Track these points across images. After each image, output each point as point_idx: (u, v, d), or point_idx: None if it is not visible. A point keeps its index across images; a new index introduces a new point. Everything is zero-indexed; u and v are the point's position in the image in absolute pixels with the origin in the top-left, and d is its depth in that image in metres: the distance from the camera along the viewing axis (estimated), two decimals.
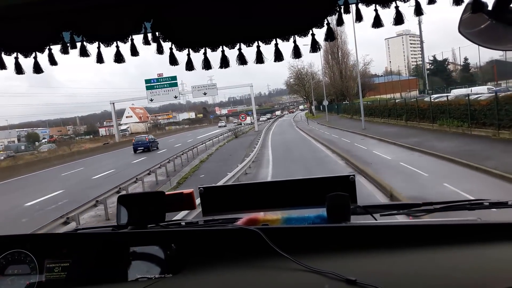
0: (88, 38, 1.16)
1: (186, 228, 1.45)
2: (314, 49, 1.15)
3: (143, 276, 1.15)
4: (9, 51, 1.20)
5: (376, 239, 1.14)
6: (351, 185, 1.34)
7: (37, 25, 1.15)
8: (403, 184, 9.81)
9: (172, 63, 1.19)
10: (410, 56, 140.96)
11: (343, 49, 64.61)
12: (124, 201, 1.37)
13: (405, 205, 1.50)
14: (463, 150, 13.34)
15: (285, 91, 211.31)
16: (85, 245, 1.26)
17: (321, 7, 1.06)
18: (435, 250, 1.05)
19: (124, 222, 1.34)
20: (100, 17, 1.14)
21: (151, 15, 1.11)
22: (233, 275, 1.08)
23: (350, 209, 1.29)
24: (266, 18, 1.10)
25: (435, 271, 0.97)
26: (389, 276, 0.98)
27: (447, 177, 10.03)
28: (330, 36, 1.11)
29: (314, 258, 1.05)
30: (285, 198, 1.39)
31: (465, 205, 1.41)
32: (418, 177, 10.67)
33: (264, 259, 1.09)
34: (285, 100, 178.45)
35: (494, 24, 1.02)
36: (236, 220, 1.41)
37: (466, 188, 8.53)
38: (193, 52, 1.15)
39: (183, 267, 1.14)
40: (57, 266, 1.20)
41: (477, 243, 1.06)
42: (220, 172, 14.34)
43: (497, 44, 1.17)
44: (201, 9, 1.12)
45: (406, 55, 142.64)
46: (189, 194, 1.43)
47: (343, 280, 0.93)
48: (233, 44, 1.15)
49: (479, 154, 12.29)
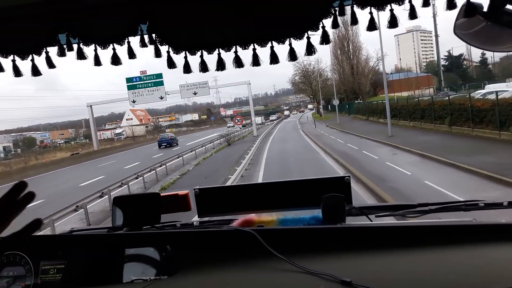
0: (84, 40, 1.14)
1: (181, 229, 1.44)
2: (309, 52, 1.15)
3: (138, 278, 1.16)
4: (5, 54, 1.18)
5: (371, 240, 1.14)
6: (347, 186, 1.34)
7: (33, 27, 1.14)
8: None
9: (170, 66, 1.20)
10: (421, 53, 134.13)
11: (354, 42, 57.79)
12: (120, 203, 1.38)
13: (400, 206, 1.47)
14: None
15: (291, 90, 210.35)
16: (80, 246, 1.27)
17: (316, 9, 1.05)
18: (430, 251, 1.06)
19: (120, 224, 1.36)
20: (95, 19, 1.12)
21: (147, 17, 1.09)
22: (228, 277, 1.08)
23: (345, 210, 1.29)
24: (261, 21, 1.09)
25: (430, 272, 0.98)
26: (384, 277, 0.99)
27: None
28: (326, 39, 1.12)
29: (310, 259, 1.06)
30: (281, 199, 1.39)
31: (460, 206, 1.41)
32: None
33: (259, 261, 1.10)
34: (291, 100, 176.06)
35: (490, 25, 1.02)
36: (231, 222, 1.41)
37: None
38: (190, 55, 1.15)
39: (178, 268, 1.15)
40: (52, 268, 1.21)
41: (472, 244, 1.06)
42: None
43: (493, 45, 1.20)
44: (196, 12, 1.10)
45: (417, 51, 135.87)
46: (185, 196, 1.44)
47: (339, 282, 0.95)
48: (229, 47, 1.13)
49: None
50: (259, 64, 1.16)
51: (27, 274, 1.21)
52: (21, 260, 1.22)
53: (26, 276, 1.20)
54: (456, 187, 8.85)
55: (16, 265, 1.22)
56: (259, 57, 1.15)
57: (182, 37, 1.11)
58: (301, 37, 1.08)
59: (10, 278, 1.20)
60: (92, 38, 1.13)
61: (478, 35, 1.07)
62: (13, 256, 1.23)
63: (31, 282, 1.19)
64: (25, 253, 1.22)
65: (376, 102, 35.22)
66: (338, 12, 1.05)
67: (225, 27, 1.10)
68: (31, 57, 1.19)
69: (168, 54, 1.15)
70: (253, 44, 1.12)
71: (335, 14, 1.05)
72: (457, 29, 1.10)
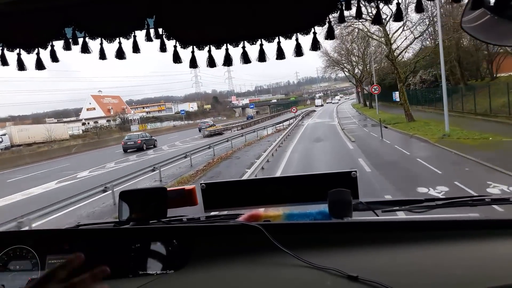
0: (90, 34, 1.13)
1: (188, 224, 1.41)
2: (314, 48, 1.13)
3: (145, 272, 1.15)
4: (11, 47, 1.17)
5: (378, 235, 1.13)
6: (353, 181, 1.32)
7: (39, 21, 1.13)
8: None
9: (175, 61, 1.18)
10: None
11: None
12: (126, 197, 1.37)
13: (407, 201, 1.44)
14: None
15: (315, 79, 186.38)
16: (87, 241, 1.27)
17: (323, 4, 1.04)
18: (436, 246, 1.05)
19: (126, 218, 1.35)
20: (102, 13, 1.11)
21: (154, 12, 1.09)
22: (234, 271, 1.07)
23: (352, 205, 1.27)
24: (269, 17, 1.08)
25: (437, 267, 0.97)
26: (391, 272, 0.97)
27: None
28: (331, 35, 1.11)
29: (316, 254, 1.05)
30: (287, 194, 1.37)
31: (467, 202, 1.39)
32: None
33: (266, 255, 1.09)
34: (314, 89, 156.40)
35: (497, 20, 1.01)
36: (237, 216, 1.41)
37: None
38: (197, 49, 1.13)
39: (185, 263, 1.14)
40: (58, 262, 1.17)
41: (479, 239, 1.05)
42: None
43: (500, 40, 1.19)
44: (204, 7, 1.09)
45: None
46: (191, 190, 1.43)
47: (345, 276, 0.94)
48: (237, 42, 1.12)
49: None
50: (265, 60, 1.14)
51: (33, 268, 1.21)
52: (28, 254, 1.22)
53: (32, 270, 1.20)
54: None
55: (23, 259, 1.22)
56: (265, 53, 1.13)
57: (190, 32, 1.10)
58: (307, 32, 1.07)
59: (17, 272, 1.21)
60: (98, 32, 1.11)
61: (485, 29, 1.06)
62: (20, 250, 1.23)
63: (37, 276, 1.18)
64: (32, 247, 1.23)
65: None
66: (344, 6, 1.04)
67: (233, 22, 1.09)
68: (36, 51, 1.17)
69: (174, 48, 1.13)
70: (261, 39, 1.11)
71: (341, 8, 1.03)
72: (463, 23, 1.10)
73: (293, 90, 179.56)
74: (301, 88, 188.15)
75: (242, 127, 40.56)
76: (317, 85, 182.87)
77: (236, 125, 42.11)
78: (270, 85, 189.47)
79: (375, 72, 38.39)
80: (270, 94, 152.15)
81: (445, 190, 7.80)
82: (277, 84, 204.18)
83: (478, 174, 9.14)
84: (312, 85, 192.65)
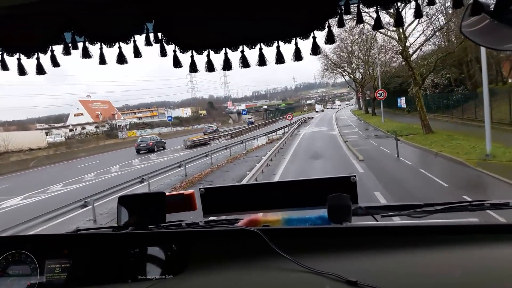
0: (89, 38, 1.14)
1: (187, 229, 1.41)
2: (315, 52, 1.14)
3: (144, 277, 1.15)
4: (11, 52, 1.18)
5: (377, 240, 1.13)
6: (352, 186, 1.32)
7: (39, 25, 1.13)
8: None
9: (175, 66, 1.18)
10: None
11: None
12: (125, 202, 1.36)
13: (406, 206, 1.44)
14: None
15: (312, 85, 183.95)
16: (85, 245, 1.26)
17: (322, 9, 1.05)
18: (436, 251, 1.05)
19: (125, 223, 1.34)
20: (101, 17, 1.11)
21: (153, 16, 1.09)
22: (234, 276, 1.07)
23: (351, 210, 1.27)
24: (268, 21, 1.09)
25: (436, 272, 0.97)
26: (390, 277, 0.97)
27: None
28: (331, 39, 1.11)
29: (315, 259, 1.05)
30: (286, 199, 1.38)
31: (466, 206, 1.39)
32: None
33: (265, 260, 1.09)
34: (312, 94, 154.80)
35: (496, 24, 1.01)
36: (237, 221, 1.40)
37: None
38: (196, 54, 1.14)
39: (184, 268, 1.14)
40: (57, 267, 1.20)
41: (479, 244, 1.05)
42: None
43: (500, 44, 1.17)
44: (203, 11, 1.10)
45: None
46: (190, 195, 1.43)
47: (344, 281, 0.94)
48: (236, 46, 1.13)
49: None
50: (265, 64, 1.14)
51: (32, 273, 1.20)
52: (27, 259, 1.22)
53: (31, 275, 1.20)
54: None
55: (22, 264, 1.22)
56: (265, 57, 1.13)
57: (189, 36, 1.10)
58: (307, 37, 1.07)
59: (16, 277, 1.20)
60: (98, 37, 1.11)
61: (484, 34, 1.06)
62: (19, 255, 1.23)
63: (36, 281, 1.18)
64: (31, 252, 1.22)
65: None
66: (344, 11, 1.04)
67: (232, 26, 1.09)
68: (36, 56, 1.17)
69: (174, 53, 1.13)
70: (260, 44, 1.11)
71: (341, 13, 1.04)
72: (463, 27, 1.10)
73: (291, 95, 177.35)
74: (299, 93, 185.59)
75: (231, 136, 36.63)
76: (314, 91, 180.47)
77: (225, 134, 38.13)
78: (267, 91, 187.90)
79: (379, 75, 34.70)
80: (267, 100, 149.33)
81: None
82: (274, 89, 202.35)
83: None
84: (309, 90, 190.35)
